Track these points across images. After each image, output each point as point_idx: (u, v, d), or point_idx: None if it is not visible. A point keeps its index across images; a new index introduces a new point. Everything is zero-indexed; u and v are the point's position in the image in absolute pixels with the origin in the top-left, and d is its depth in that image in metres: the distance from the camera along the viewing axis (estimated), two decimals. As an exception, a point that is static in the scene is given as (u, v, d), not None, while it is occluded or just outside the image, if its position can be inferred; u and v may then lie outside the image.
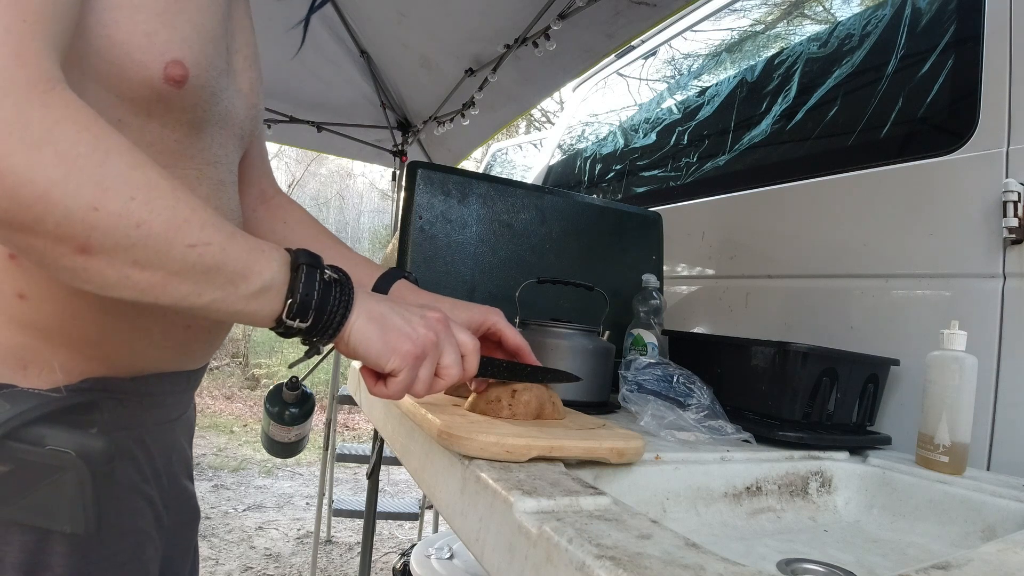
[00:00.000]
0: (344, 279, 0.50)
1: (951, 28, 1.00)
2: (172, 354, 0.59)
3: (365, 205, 10.54)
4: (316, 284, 0.48)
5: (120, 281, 0.41)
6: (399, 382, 0.52)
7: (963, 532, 0.68)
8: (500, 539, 0.45)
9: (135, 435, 0.58)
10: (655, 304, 1.10)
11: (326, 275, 0.49)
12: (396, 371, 0.51)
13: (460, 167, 2.15)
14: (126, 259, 0.40)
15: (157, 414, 0.61)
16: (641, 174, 1.80)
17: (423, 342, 0.52)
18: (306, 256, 0.49)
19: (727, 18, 1.72)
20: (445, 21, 2.17)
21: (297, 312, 0.47)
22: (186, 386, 0.65)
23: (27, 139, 0.36)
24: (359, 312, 0.50)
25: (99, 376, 0.53)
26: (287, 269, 0.48)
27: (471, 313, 0.67)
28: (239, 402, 6.71)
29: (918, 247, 0.97)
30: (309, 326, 0.48)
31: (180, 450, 0.68)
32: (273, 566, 2.97)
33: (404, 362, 0.51)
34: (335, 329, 0.49)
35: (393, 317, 0.52)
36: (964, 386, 0.74)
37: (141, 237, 0.40)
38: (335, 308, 0.49)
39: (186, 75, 0.49)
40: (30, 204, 0.36)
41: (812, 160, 1.21)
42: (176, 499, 0.67)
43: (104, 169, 0.38)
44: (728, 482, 0.72)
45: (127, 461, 0.57)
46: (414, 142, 3.26)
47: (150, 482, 0.60)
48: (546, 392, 0.66)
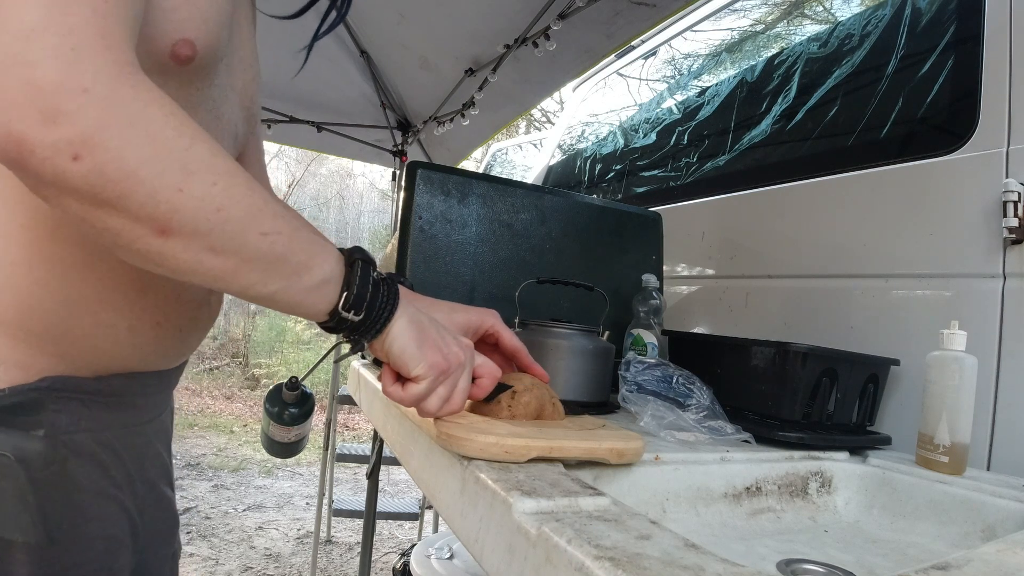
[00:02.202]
0: (391, 281, 0.52)
1: (951, 28, 1.00)
2: (140, 353, 0.57)
3: (365, 205, 10.54)
4: (369, 280, 0.50)
5: (194, 265, 0.41)
6: (418, 389, 0.52)
7: (963, 532, 0.68)
8: (499, 539, 0.45)
9: (100, 438, 0.55)
10: (655, 304, 1.10)
11: (376, 274, 0.51)
12: (420, 378, 0.52)
13: (460, 167, 2.15)
14: (203, 243, 0.40)
15: (125, 416, 0.58)
16: (641, 174, 1.80)
17: (452, 359, 0.54)
18: (360, 253, 0.51)
19: (727, 18, 1.72)
20: (445, 21, 2.17)
21: (352, 304, 0.49)
22: (157, 388, 0.63)
23: (121, 118, 0.36)
24: (402, 313, 0.52)
25: (59, 375, 0.51)
26: (343, 264, 0.50)
27: (468, 315, 0.67)
28: (239, 402, 6.71)
29: (918, 247, 0.97)
30: (360, 320, 0.49)
31: (155, 455, 0.65)
32: (273, 566, 2.97)
33: (431, 371, 0.52)
34: (383, 324, 0.51)
35: (431, 329, 0.54)
36: (964, 386, 0.74)
37: (220, 222, 0.40)
38: (383, 305, 0.50)
39: (193, 55, 0.49)
40: (118, 180, 0.36)
41: (812, 160, 1.21)
42: (154, 506, 0.65)
43: (190, 153, 0.39)
44: (728, 482, 0.72)
45: (92, 465, 0.54)
46: (414, 142, 3.26)
47: (122, 487, 0.57)
48: (547, 393, 0.65)
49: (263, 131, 3.18)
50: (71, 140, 0.35)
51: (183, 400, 6.45)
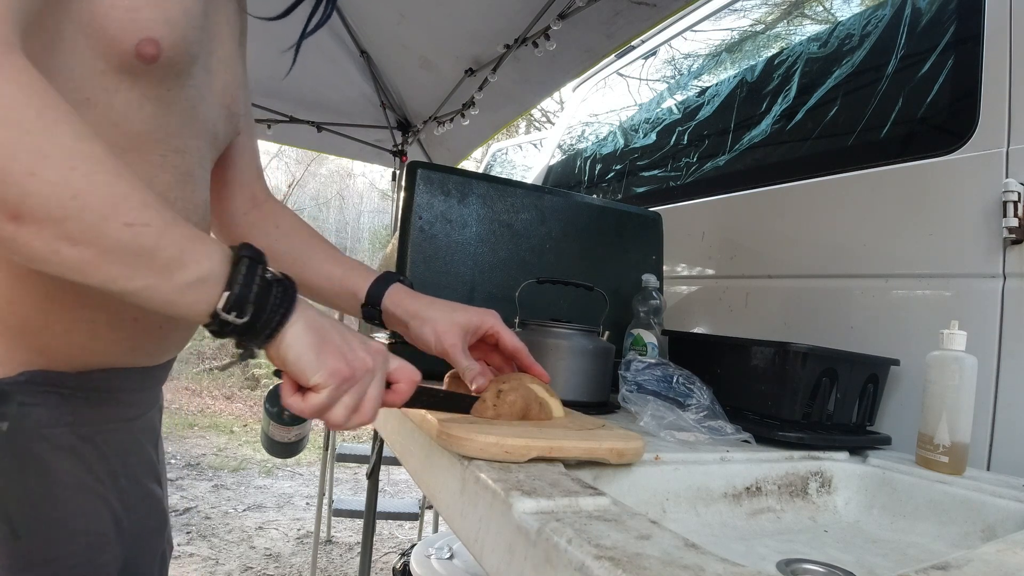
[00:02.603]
0: (287, 281, 0.48)
1: (951, 28, 1.00)
2: (120, 348, 0.56)
3: (365, 205, 10.55)
4: (256, 279, 0.46)
5: (49, 255, 0.39)
6: (319, 399, 0.48)
7: (963, 532, 0.68)
8: (499, 539, 0.45)
9: (81, 432, 0.55)
10: (655, 304, 1.10)
11: (268, 273, 0.47)
12: (319, 387, 0.48)
13: (460, 167, 2.15)
14: (58, 231, 0.38)
15: (108, 412, 0.58)
16: (641, 174, 1.80)
17: (356, 366, 0.50)
18: (248, 250, 0.47)
19: (727, 18, 1.72)
20: (445, 21, 2.17)
21: (234, 306, 0.44)
22: (141, 384, 0.63)
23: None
24: (298, 317, 0.48)
25: (38, 369, 0.51)
26: (228, 262, 0.46)
27: (468, 316, 0.67)
28: (239, 402, 6.71)
29: (918, 247, 0.97)
30: (247, 323, 0.45)
31: (140, 451, 0.65)
32: (273, 566, 2.97)
33: (331, 379, 0.48)
34: (273, 330, 0.46)
35: (332, 334, 0.50)
36: (964, 386, 0.74)
37: (76, 209, 0.38)
38: (275, 308, 0.46)
39: (157, 54, 0.49)
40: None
41: (812, 160, 1.21)
42: (140, 503, 0.64)
43: (47, 137, 0.37)
44: (728, 482, 0.72)
45: (71, 458, 0.54)
46: (414, 142, 3.26)
47: (104, 482, 0.57)
48: (533, 393, 0.65)
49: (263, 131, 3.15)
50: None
51: (183, 400, 6.46)
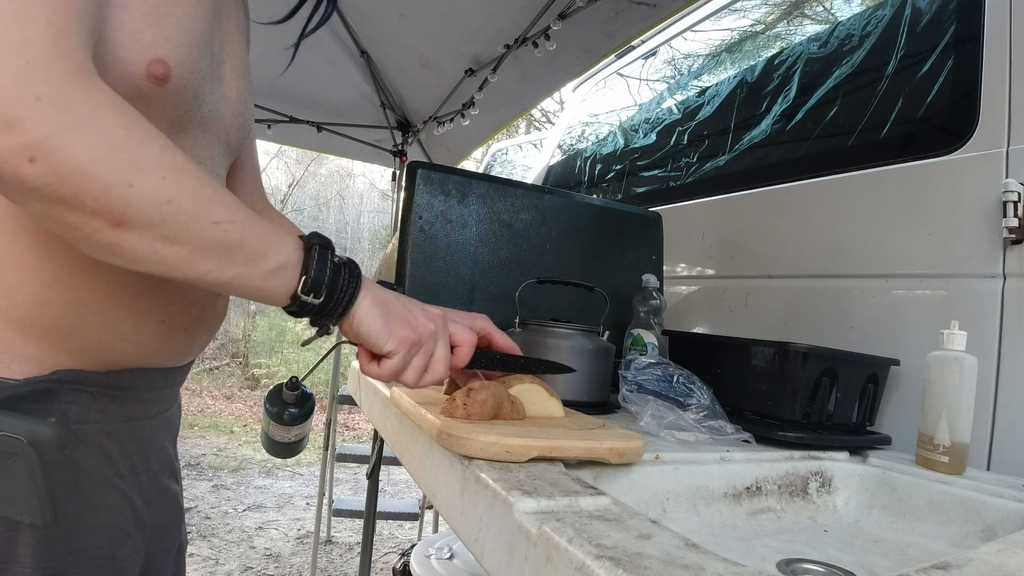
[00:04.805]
0: (352, 264, 0.55)
1: (951, 28, 1.00)
2: (146, 350, 0.59)
3: (365, 205, 10.54)
4: (328, 264, 0.52)
5: (150, 255, 0.44)
6: (393, 364, 0.56)
7: (963, 532, 0.68)
8: (500, 539, 0.45)
9: (107, 429, 0.57)
10: (655, 304, 1.10)
11: (336, 257, 0.53)
12: (392, 353, 0.56)
13: (460, 167, 2.15)
14: (156, 234, 0.43)
15: (131, 410, 0.60)
16: (641, 174, 1.80)
17: (421, 330, 0.57)
18: (318, 238, 0.53)
19: (727, 18, 1.72)
20: (445, 21, 2.17)
21: (311, 288, 0.51)
22: (163, 384, 0.65)
23: (72, 120, 0.39)
24: (366, 294, 0.55)
25: (69, 368, 0.54)
26: (301, 250, 0.52)
27: (460, 320, 0.67)
28: (239, 402, 6.71)
29: (918, 247, 0.97)
30: (321, 303, 0.52)
31: (160, 448, 0.67)
32: (273, 566, 2.97)
33: (401, 346, 0.55)
34: (344, 307, 0.53)
35: (396, 305, 0.57)
36: (964, 386, 0.74)
37: (171, 213, 0.43)
38: (344, 287, 0.53)
39: (168, 74, 0.51)
40: (72, 178, 0.39)
41: (812, 160, 1.21)
42: (158, 498, 0.66)
43: (139, 151, 0.42)
44: (728, 482, 0.72)
45: (98, 454, 0.56)
46: (414, 142, 3.26)
47: (125, 478, 0.59)
48: (504, 391, 0.64)
49: (263, 131, 3.17)
50: (26, 144, 0.38)
51: (183, 400, 6.43)
